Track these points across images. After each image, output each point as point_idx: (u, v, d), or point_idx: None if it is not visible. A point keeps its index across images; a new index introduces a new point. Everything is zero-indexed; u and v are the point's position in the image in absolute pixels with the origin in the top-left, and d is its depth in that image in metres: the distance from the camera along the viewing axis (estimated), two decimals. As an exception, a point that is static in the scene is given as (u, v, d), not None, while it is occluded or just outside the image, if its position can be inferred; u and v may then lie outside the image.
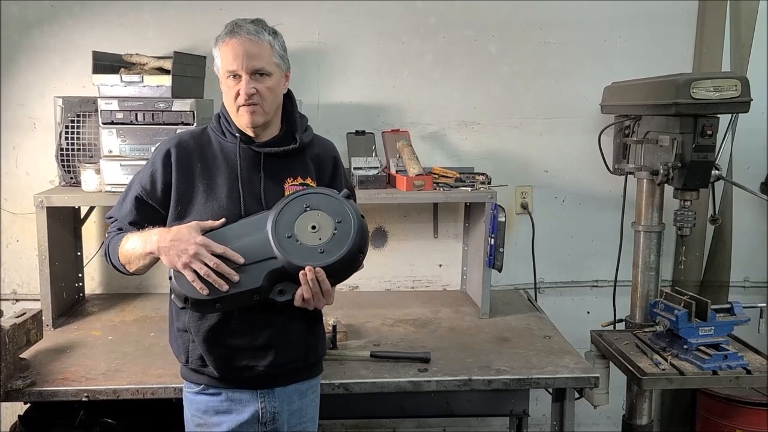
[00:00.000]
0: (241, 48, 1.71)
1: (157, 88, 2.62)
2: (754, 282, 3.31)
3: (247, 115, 1.74)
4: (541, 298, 3.23)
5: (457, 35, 3.11)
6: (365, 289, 3.22)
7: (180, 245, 1.64)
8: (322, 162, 1.89)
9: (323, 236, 1.67)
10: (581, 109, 3.16)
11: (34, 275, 2.77)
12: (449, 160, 3.16)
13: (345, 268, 1.70)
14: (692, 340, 2.38)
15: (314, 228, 1.67)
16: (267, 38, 1.74)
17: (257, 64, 1.72)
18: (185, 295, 1.66)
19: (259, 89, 1.73)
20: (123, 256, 1.77)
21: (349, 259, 1.67)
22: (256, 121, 1.76)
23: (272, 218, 1.68)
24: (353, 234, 1.66)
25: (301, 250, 1.66)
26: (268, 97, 1.75)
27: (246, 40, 1.71)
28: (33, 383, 2.10)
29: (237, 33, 1.72)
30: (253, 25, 1.74)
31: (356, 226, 1.67)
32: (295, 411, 1.88)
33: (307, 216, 1.69)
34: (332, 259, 1.65)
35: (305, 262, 1.64)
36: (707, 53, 3.08)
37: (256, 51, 1.72)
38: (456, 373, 2.24)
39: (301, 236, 1.67)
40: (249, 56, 1.71)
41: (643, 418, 2.65)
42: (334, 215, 1.68)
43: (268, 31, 1.76)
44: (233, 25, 1.74)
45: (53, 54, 2.97)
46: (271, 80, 1.75)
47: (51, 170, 2.91)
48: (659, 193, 2.75)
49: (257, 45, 1.72)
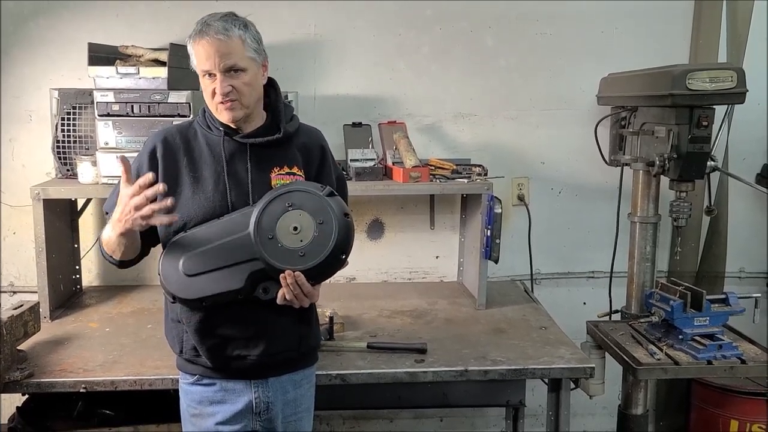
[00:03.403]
0: (212, 48, 1.69)
1: (153, 80, 2.62)
2: (750, 273, 3.32)
3: (225, 112, 1.75)
4: (537, 289, 3.24)
5: (454, 27, 3.10)
6: (362, 281, 3.23)
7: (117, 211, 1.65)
8: (309, 151, 1.89)
9: (304, 238, 1.69)
10: (578, 100, 3.16)
11: (32, 267, 2.77)
12: (446, 151, 3.16)
13: (325, 270, 1.72)
14: (687, 330, 2.39)
15: (296, 230, 1.69)
16: (237, 33, 1.71)
17: (229, 61, 1.71)
18: (172, 293, 1.73)
19: (235, 85, 1.72)
20: (106, 245, 1.77)
21: (329, 262, 1.69)
22: (235, 117, 1.76)
23: (255, 218, 1.70)
24: (334, 236, 1.68)
25: (282, 252, 1.68)
26: (246, 91, 1.75)
27: (215, 40, 1.69)
28: (31, 375, 2.11)
29: (206, 32, 1.70)
30: (222, 22, 1.71)
31: (337, 227, 1.68)
32: (289, 401, 1.89)
33: (289, 216, 1.70)
34: (312, 263, 1.67)
35: (286, 265, 1.67)
36: (703, 44, 3.08)
37: (226, 49, 1.70)
38: (452, 364, 2.25)
39: (283, 238, 1.69)
40: (220, 55, 1.70)
41: (639, 407, 2.67)
42: (316, 215, 1.69)
43: (238, 25, 1.73)
44: (202, 24, 1.72)
45: (49, 46, 2.96)
46: (247, 75, 1.74)
47: (47, 162, 2.91)
48: (655, 184, 2.75)
49: (227, 43, 1.70)
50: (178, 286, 1.72)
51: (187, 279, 1.71)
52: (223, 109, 1.75)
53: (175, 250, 1.74)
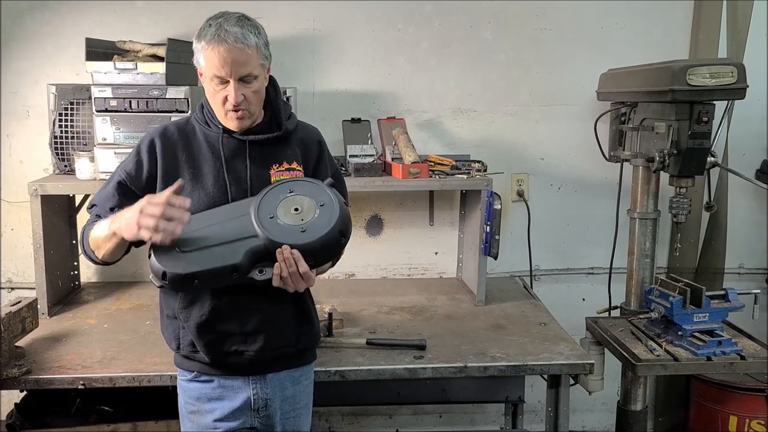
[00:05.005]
0: (230, 56, 1.66)
1: (151, 76, 2.61)
2: (749, 268, 3.32)
3: (235, 121, 1.75)
4: (536, 286, 3.23)
5: (453, 22, 3.09)
6: (361, 277, 3.23)
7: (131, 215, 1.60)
8: (307, 147, 1.89)
9: (305, 217, 1.67)
10: (577, 96, 3.15)
11: (29, 263, 2.76)
12: (445, 147, 3.15)
13: (326, 249, 1.68)
14: (687, 326, 2.39)
15: (297, 210, 1.67)
16: (253, 41, 1.69)
17: (245, 70, 1.69)
18: (163, 270, 1.62)
19: (246, 94, 1.71)
20: (92, 241, 1.74)
21: (330, 240, 1.66)
22: (243, 126, 1.77)
23: (256, 201, 1.69)
24: (336, 217, 1.66)
25: (282, 228, 1.65)
26: (255, 100, 1.75)
27: (233, 48, 1.66)
28: (29, 371, 2.10)
29: (224, 39, 1.66)
30: (239, 27, 1.67)
31: (339, 210, 1.67)
32: (288, 397, 1.89)
33: (290, 199, 1.69)
34: (313, 238, 1.64)
35: (285, 240, 1.64)
36: (703, 40, 3.07)
37: (244, 58, 1.68)
38: (452, 360, 2.25)
39: (284, 217, 1.67)
40: (238, 64, 1.67)
41: (638, 404, 2.68)
42: (318, 200, 1.69)
43: (253, 31, 1.70)
44: (218, 28, 1.67)
45: (46, 41, 2.95)
46: (258, 82, 1.74)
47: (45, 158, 2.90)
48: (655, 180, 2.75)
49: (245, 52, 1.67)
50: (171, 261, 1.62)
51: (181, 254, 1.64)
52: (234, 118, 1.74)
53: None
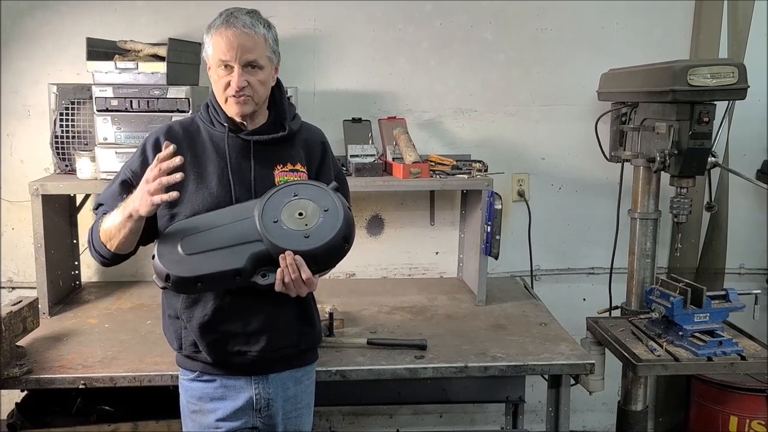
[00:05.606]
0: (236, 40, 1.70)
1: (152, 75, 2.61)
2: (750, 269, 3.32)
3: (236, 105, 1.75)
4: (537, 286, 3.23)
5: (453, 22, 3.09)
6: (362, 277, 3.23)
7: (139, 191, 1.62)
8: (311, 148, 1.89)
9: (309, 222, 1.67)
10: (578, 96, 3.15)
11: (30, 263, 2.76)
12: (446, 147, 3.15)
13: (329, 255, 1.69)
14: (687, 326, 2.39)
15: (301, 215, 1.67)
16: (262, 31, 1.73)
17: (251, 56, 1.71)
18: (166, 272, 1.63)
19: (251, 82, 1.73)
20: (104, 232, 1.73)
21: (334, 247, 1.67)
22: (245, 111, 1.76)
23: (260, 204, 1.69)
24: (340, 223, 1.66)
25: (285, 234, 1.65)
26: (260, 89, 1.75)
27: (241, 32, 1.70)
28: (30, 371, 2.10)
29: (233, 24, 1.70)
30: (249, 17, 1.72)
31: (343, 216, 1.67)
32: (290, 397, 1.89)
33: (294, 203, 1.69)
34: (317, 244, 1.64)
35: (289, 245, 1.64)
36: (704, 40, 3.07)
37: (250, 44, 1.71)
38: (452, 360, 2.25)
39: (288, 221, 1.67)
40: (243, 49, 1.70)
41: (638, 404, 2.68)
42: (322, 205, 1.68)
43: (263, 23, 1.75)
44: (228, 15, 1.72)
45: (47, 41, 2.95)
46: (263, 73, 1.75)
47: (46, 158, 2.90)
48: (655, 180, 2.75)
49: (252, 38, 1.71)
50: (175, 264, 1.64)
51: (184, 257, 1.65)
52: (234, 102, 1.74)
53: (174, 233, 1.70)
